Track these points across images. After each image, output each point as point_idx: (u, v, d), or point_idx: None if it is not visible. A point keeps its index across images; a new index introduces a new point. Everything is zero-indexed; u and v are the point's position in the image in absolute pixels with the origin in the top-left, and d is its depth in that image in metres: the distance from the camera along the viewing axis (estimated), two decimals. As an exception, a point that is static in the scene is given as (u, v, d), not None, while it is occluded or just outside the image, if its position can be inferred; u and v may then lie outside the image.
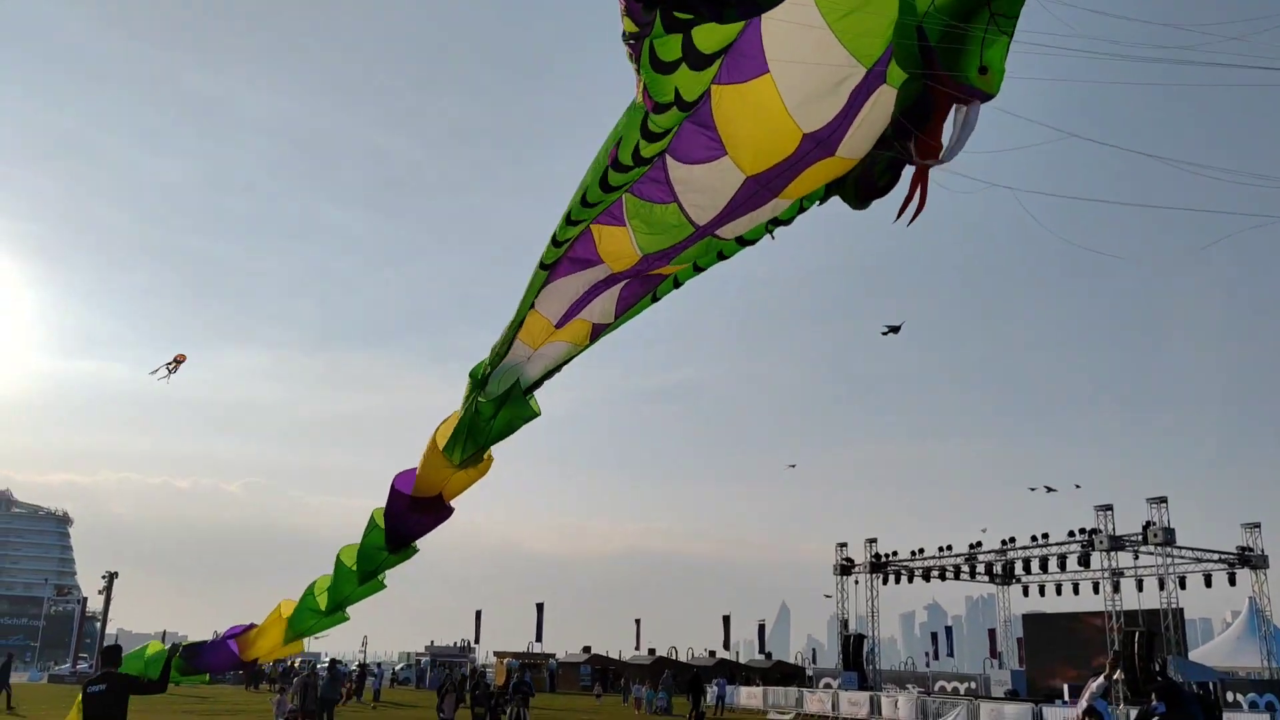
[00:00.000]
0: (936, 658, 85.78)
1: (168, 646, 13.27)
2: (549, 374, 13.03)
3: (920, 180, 9.51)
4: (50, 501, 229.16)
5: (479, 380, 12.30)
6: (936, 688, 58.51)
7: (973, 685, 60.10)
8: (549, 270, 11.47)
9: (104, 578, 75.13)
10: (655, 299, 12.32)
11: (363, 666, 60.96)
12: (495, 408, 12.57)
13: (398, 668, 79.43)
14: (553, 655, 71.16)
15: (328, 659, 45.23)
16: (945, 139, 9.22)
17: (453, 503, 13.88)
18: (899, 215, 10.18)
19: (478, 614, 77.23)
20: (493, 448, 13.42)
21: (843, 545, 54.37)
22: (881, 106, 9.31)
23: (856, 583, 53.39)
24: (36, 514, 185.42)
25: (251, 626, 13.73)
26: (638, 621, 78.46)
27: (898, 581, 51.75)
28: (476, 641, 76.71)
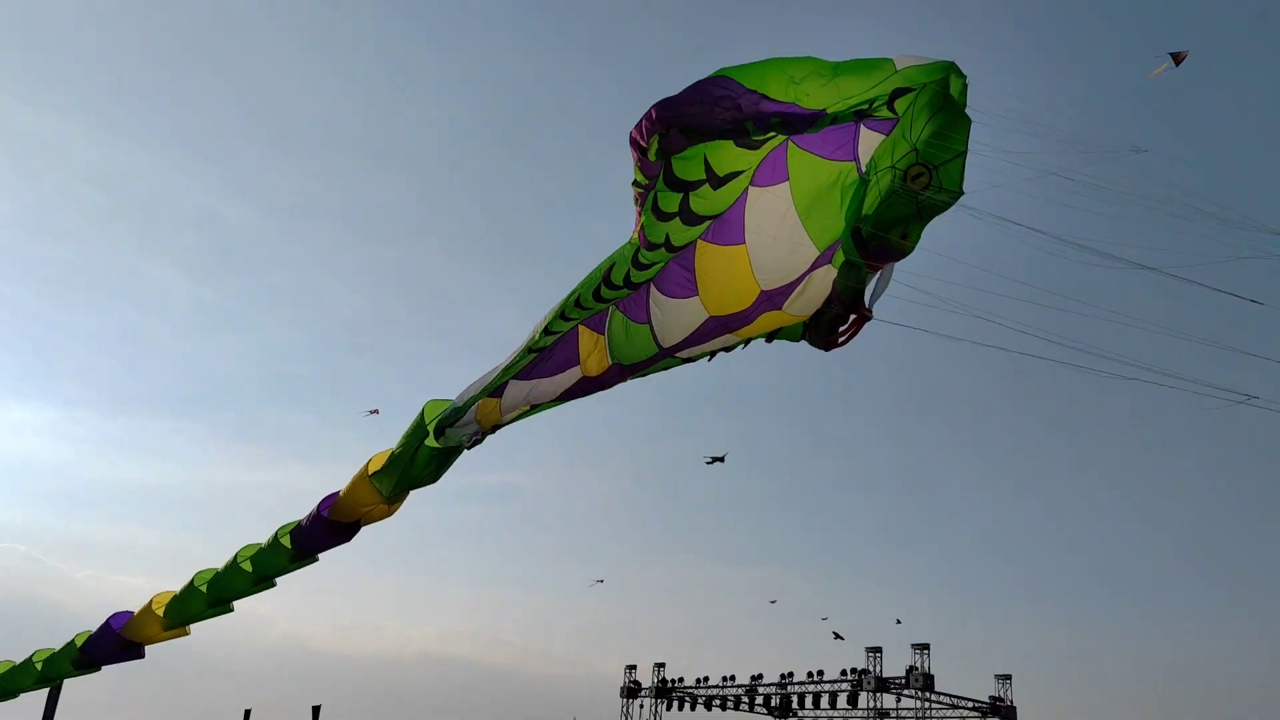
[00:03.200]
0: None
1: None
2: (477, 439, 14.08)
3: (858, 324, 11.83)
4: None
5: (436, 425, 13.37)
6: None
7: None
8: (536, 354, 13.03)
9: None
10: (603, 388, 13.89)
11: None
12: (436, 460, 13.62)
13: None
14: (322, 763, 67.13)
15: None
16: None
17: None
18: (825, 344, 12.28)
19: (246, 712, 72.19)
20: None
21: (632, 667, 54.75)
22: (823, 280, 11.78)
23: (642, 706, 53.69)
24: None
25: (130, 614, 14.32)
26: (419, 731, 75.28)
27: (681, 708, 52.39)
28: (241, 743, 71.47)
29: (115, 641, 14.14)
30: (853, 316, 11.64)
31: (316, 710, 71.56)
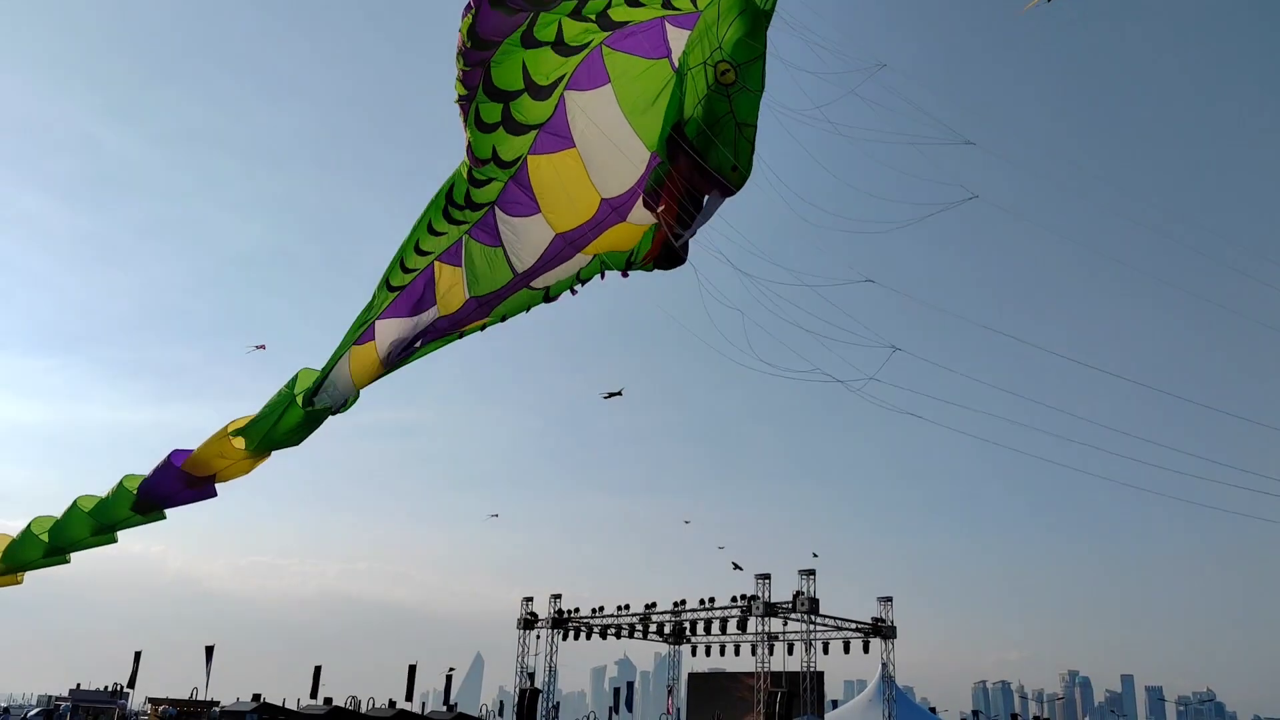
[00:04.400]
0: (618, 712, 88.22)
1: None
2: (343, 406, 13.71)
3: (660, 240, 11.73)
4: None
5: (309, 388, 12.98)
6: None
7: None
8: (396, 293, 12.50)
9: None
10: (461, 336, 13.49)
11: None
12: (305, 422, 13.12)
13: (31, 713, 70.85)
14: (216, 703, 66.32)
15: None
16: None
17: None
18: (627, 268, 12.17)
19: (137, 655, 70.61)
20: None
21: (528, 599, 55.27)
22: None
23: (538, 637, 54.37)
24: None
25: None
26: (317, 669, 74.89)
27: (577, 638, 53.22)
28: (131, 686, 69.98)
29: None
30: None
31: (210, 651, 70.52)
